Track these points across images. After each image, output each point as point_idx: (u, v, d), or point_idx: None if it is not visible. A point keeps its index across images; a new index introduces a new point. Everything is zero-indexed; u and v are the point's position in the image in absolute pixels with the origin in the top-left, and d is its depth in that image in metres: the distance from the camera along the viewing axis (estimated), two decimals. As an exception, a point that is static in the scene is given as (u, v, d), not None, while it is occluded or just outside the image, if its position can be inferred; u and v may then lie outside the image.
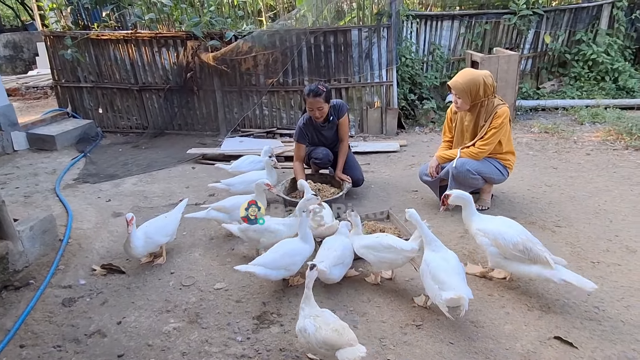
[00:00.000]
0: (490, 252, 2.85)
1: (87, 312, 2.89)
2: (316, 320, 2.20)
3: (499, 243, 2.79)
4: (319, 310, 2.29)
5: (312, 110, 4.06)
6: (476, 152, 3.74)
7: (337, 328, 2.15)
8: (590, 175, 4.64)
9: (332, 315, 2.28)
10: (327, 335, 2.12)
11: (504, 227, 2.86)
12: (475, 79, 3.63)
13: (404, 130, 6.51)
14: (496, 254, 2.82)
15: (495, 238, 2.80)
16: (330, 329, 2.14)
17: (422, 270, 2.67)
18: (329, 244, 2.97)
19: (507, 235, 2.78)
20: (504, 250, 2.78)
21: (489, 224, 2.90)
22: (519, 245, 2.73)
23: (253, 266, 2.80)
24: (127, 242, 3.16)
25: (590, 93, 7.20)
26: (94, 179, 5.20)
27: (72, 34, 6.57)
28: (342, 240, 2.99)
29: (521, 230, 2.84)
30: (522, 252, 2.72)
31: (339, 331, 2.14)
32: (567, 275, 2.62)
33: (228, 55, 6.10)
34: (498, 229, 2.83)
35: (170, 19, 6.83)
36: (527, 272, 2.75)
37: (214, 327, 2.69)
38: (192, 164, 5.62)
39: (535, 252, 2.71)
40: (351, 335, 2.14)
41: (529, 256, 2.71)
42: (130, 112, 6.95)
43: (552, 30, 7.38)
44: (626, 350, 2.38)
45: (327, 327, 2.16)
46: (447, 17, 7.07)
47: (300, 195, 4.07)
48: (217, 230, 3.88)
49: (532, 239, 2.79)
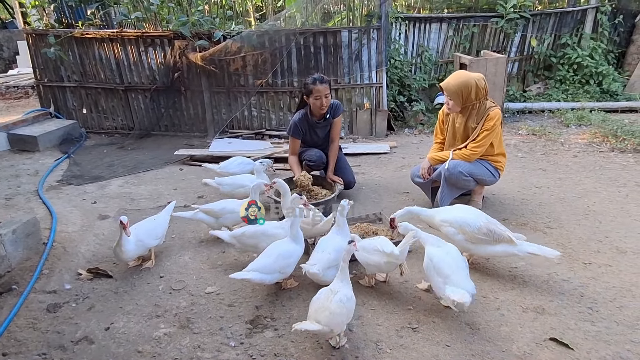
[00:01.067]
0: (457, 240, 3.00)
1: (73, 317, 2.80)
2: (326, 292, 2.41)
3: (464, 230, 2.98)
4: (350, 293, 2.42)
5: (320, 98, 4.02)
6: (468, 154, 3.75)
7: (319, 308, 2.34)
8: (579, 177, 4.69)
9: (340, 299, 2.36)
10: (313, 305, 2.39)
11: (465, 214, 3.07)
12: (468, 81, 3.63)
13: (393, 132, 6.51)
14: (463, 240, 3.00)
15: (460, 226, 2.99)
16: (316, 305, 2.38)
17: (426, 265, 2.72)
18: (322, 245, 2.92)
19: (471, 221, 2.99)
20: (470, 236, 2.97)
21: (450, 213, 3.10)
22: (482, 228, 2.95)
23: (248, 272, 2.74)
24: (119, 245, 3.07)
25: (576, 96, 7.31)
26: (78, 180, 5.08)
27: (56, 32, 6.41)
28: (335, 241, 2.94)
29: (480, 214, 3.07)
30: (486, 235, 2.94)
31: (317, 310, 2.34)
32: (530, 248, 2.89)
33: (216, 56, 6.02)
34: (461, 217, 3.03)
35: (157, 18, 6.72)
36: (495, 252, 2.98)
37: (206, 332, 2.63)
38: (180, 165, 5.53)
39: (499, 232, 2.94)
40: (322, 318, 2.29)
41: (493, 237, 2.93)
42: (116, 112, 6.81)
43: (538, 33, 7.47)
44: (620, 351, 2.39)
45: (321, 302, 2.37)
46: (435, 20, 7.11)
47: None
48: (207, 232, 3.79)
49: (492, 221, 3.03)
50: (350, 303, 2.39)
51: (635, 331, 2.53)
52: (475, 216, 3.04)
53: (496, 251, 2.97)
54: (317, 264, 2.74)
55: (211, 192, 4.52)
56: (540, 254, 2.85)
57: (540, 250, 2.87)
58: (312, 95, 4.02)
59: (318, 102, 4.04)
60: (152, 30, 6.56)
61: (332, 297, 2.36)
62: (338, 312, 2.32)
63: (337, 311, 2.31)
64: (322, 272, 2.72)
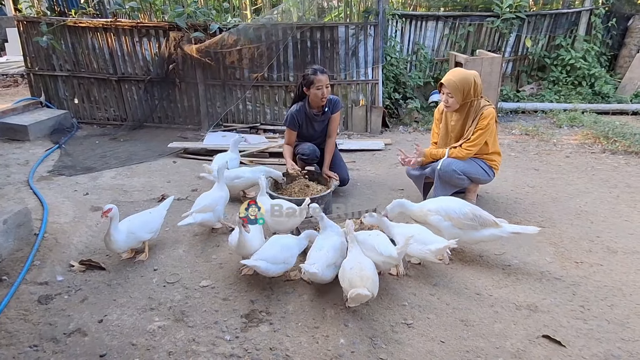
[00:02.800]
0: (445, 227, 3.16)
1: (65, 309, 2.77)
2: (354, 264, 2.65)
3: (451, 217, 3.13)
4: (362, 257, 2.73)
5: (321, 88, 4.02)
6: (463, 154, 3.76)
7: (363, 277, 2.56)
8: (571, 177, 4.74)
9: (370, 268, 2.66)
10: (352, 276, 2.58)
11: (450, 202, 3.23)
12: (467, 77, 3.65)
13: (388, 129, 6.51)
14: (450, 226, 3.15)
15: (447, 213, 3.15)
16: (357, 274, 2.58)
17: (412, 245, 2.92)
18: (319, 244, 2.92)
19: (457, 208, 3.16)
20: (457, 222, 3.13)
21: (435, 203, 3.27)
22: (469, 214, 3.11)
23: (256, 261, 2.79)
24: (108, 234, 3.05)
25: (568, 97, 7.37)
26: (69, 171, 5.01)
27: (48, 20, 6.31)
28: (333, 240, 2.94)
29: (465, 202, 3.24)
30: (472, 220, 3.10)
31: (362, 279, 2.54)
32: (513, 228, 3.11)
33: (212, 48, 5.97)
34: (447, 205, 3.19)
35: (152, 9, 6.64)
36: (482, 237, 3.14)
37: (201, 326, 2.62)
38: (174, 157, 5.48)
39: (484, 217, 3.12)
40: (369, 285, 2.51)
41: (479, 222, 3.11)
42: (108, 103, 6.73)
43: (533, 34, 7.52)
44: (612, 349, 2.43)
45: (359, 272, 2.59)
46: (431, 18, 7.11)
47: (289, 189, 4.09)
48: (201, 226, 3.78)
49: (476, 207, 3.20)
50: (374, 267, 2.72)
51: (626, 329, 2.57)
52: (460, 204, 3.21)
53: (483, 235, 3.14)
54: (317, 263, 2.72)
55: (205, 185, 4.48)
56: (522, 232, 3.09)
57: (522, 229, 3.11)
58: (314, 85, 4.01)
59: (320, 92, 4.02)
60: (147, 20, 6.47)
61: (364, 266, 2.64)
62: (375, 279, 2.63)
63: (375, 278, 2.63)
64: (321, 271, 2.70)
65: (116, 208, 3.07)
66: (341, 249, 2.91)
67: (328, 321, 2.64)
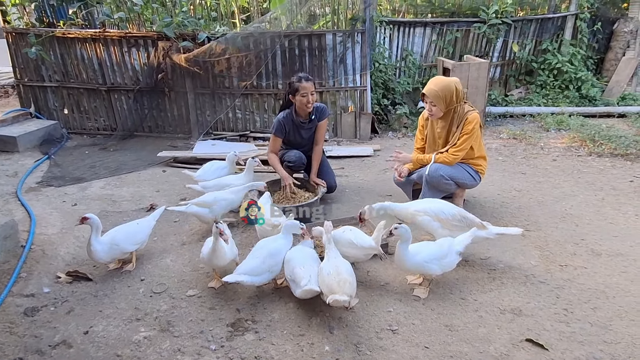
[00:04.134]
0: (433, 228, 3.24)
1: (51, 321, 2.77)
2: (332, 268, 2.67)
3: (440, 218, 3.21)
4: (341, 261, 2.76)
5: (306, 95, 4.04)
6: (450, 159, 3.79)
7: (340, 281, 2.57)
8: (557, 181, 4.79)
9: (347, 270, 2.68)
10: (331, 282, 2.59)
11: (438, 203, 3.32)
12: (448, 85, 3.70)
13: (377, 135, 6.55)
14: (440, 227, 3.22)
15: (436, 214, 3.22)
16: (335, 279, 2.59)
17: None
18: (298, 262, 2.79)
19: (445, 209, 3.23)
20: (445, 223, 3.20)
21: (423, 204, 3.33)
22: (457, 215, 3.20)
23: (239, 275, 2.75)
24: (88, 244, 3.06)
25: (556, 101, 7.45)
26: (58, 182, 5.00)
27: (37, 32, 6.32)
28: (306, 252, 2.90)
29: (451, 204, 3.34)
30: (460, 221, 3.19)
31: (339, 284, 2.56)
32: (497, 230, 3.21)
33: (201, 57, 6.00)
34: (436, 206, 3.27)
35: (140, 19, 6.66)
36: None
37: (187, 336, 2.62)
38: (163, 167, 5.49)
39: (470, 218, 3.21)
40: (347, 289, 2.54)
41: (467, 223, 3.18)
42: (98, 113, 6.73)
43: (520, 39, 7.60)
44: (594, 351, 2.45)
45: (336, 276, 2.61)
46: (419, 24, 7.17)
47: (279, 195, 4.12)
48: (189, 235, 3.79)
49: (461, 209, 3.28)
50: (351, 268, 2.74)
51: (608, 332, 2.60)
52: (447, 205, 3.29)
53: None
54: (311, 279, 2.66)
55: (194, 194, 4.48)
56: (507, 233, 3.22)
57: (506, 230, 3.24)
58: (299, 92, 4.04)
59: (305, 99, 4.05)
60: (136, 30, 6.50)
61: (341, 269, 2.65)
62: (352, 280, 2.63)
63: (351, 279, 2.63)
64: (317, 284, 2.68)
65: (96, 217, 3.08)
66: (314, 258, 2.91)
67: (313, 328, 2.66)
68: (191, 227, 3.93)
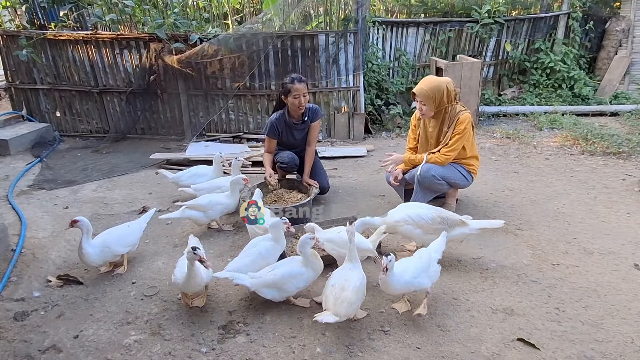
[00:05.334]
0: (416, 235, 3.21)
1: (41, 326, 2.75)
2: (338, 281, 2.54)
3: (421, 224, 3.17)
4: (356, 275, 2.56)
5: (299, 97, 4.03)
6: (442, 159, 3.79)
7: (339, 299, 2.45)
8: (550, 179, 4.80)
9: (355, 288, 2.49)
10: (329, 296, 2.52)
11: (415, 209, 3.25)
12: (439, 85, 3.69)
13: (371, 135, 6.55)
14: (422, 234, 3.19)
15: (415, 222, 3.18)
16: (334, 295, 2.48)
17: None
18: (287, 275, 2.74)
19: (424, 214, 3.19)
20: (427, 228, 3.17)
21: (400, 213, 3.25)
22: (436, 218, 3.17)
23: (229, 272, 2.77)
24: (80, 248, 3.04)
25: (549, 100, 7.47)
26: (50, 185, 4.97)
27: (28, 34, 6.28)
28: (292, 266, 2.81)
29: (429, 207, 3.29)
30: (441, 224, 3.16)
31: (336, 302, 2.45)
32: (479, 224, 3.22)
33: (193, 58, 5.98)
34: (414, 213, 3.21)
35: (132, 20, 6.64)
36: (452, 237, 3.17)
37: (178, 339, 2.60)
38: (156, 169, 5.46)
39: (451, 218, 3.19)
40: (341, 310, 2.41)
41: (448, 224, 3.16)
42: (90, 115, 6.70)
43: (513, 38, 7.62)
44: (585, 350, 2.46)
45: (339, 292, 2.48)
46: (412, 24, 7.18)
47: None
48: (181, 237, 3.77)
49: (439, 209, 3.26)
50: (363, 285, 2.55)
51: (600, 330, 2.60)
52: (425, 209, 3.26)
53: (453, 236, 3.19)
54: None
55: (187, 196, 4.47)
56: (489, 227, 3.23)
57: (488, 223, 3.24)
58: (291, 94, 4.03)
59: (297, 101, 4.05)
60: (128, 32, 6.47)
61: (348, 285, 2.49)
62: (355, 300, 2.46)
63: (354, 299, 2.46)
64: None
65: (86, 220, 3.06)
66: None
67: (305, 330, 2.65)
68: (183, 229, 3.91)
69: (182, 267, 2.71)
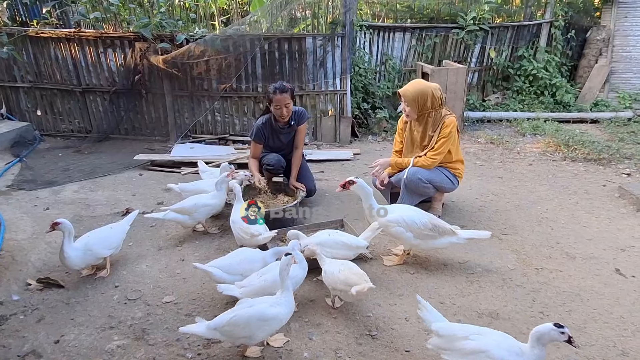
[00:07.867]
0: (406, 238, 3.21)
1: (20, 330, 2.67)
2: (339, 267, 2.74)
3: (413, 228, 3.18)
4: (340, 261, 2.85)
5: (280, 108, 4.00)
6: (429, 162, 3.82)
7: (356, 273, 2.67)
8: (533, 185, 4.87)
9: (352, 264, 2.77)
10: (347, 276, 2.67)
11: (409, 212, 3.26)
12: (424, 90, 3.72)
13: (357, 139, 6.57)
14: (412, 237, 3.20)
15: (408, 224, 3.18)
16: (349, 273, 2.67)
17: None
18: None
19: (417, 218, 3.20)
20: (418, 233, 3.18)
21: (395, 215, 3.24)
22: (428, 224, 3.19)
23: (211, 267, 2.81)
24: (61, 251, 2.97)
25: (531, 106, 7.60)
26: (30, 185, 4.85)
27: (9, 31, 6.13)
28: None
29: (422, 212, 3.30)
30: (432, 230, 3.18)
31: (357, 275, 2.65)
32: (467, 234, 3.25)
33: (179, 59, 5.91)
34: (407, 215, 3.22)
35: (117, 19, 6.54)
36: (440, 244, 3.23)
37: (162, 344, 2.56)
38: (140, 170, 5.38)
39: (442, 226, 3.21)
40: (365, 278, 2.63)
41: (438, 231, 3.19)
42: (72, 114, 6.57)
43: (497, 45, 7.74)
44: (569, 354, 2.49)
45: (349, 270, 2.69)
46: (399, 29, 7.23)
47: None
48: (166, 240, 3.72)
49: (432, 216, 3.28)
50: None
51: (583, 334, 2.64)
52: (419, 213, 3.27)
53: (441, 243, 3.23)
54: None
55: (172, 198, 4.42)
56: (476, 237, 3.25)
57: (476, 234, 3.26)
58: (272, 104, 4.02)
59: (278, 112, 4.04)
60: (112, 31, 6.37)
61: (350, 265, 2.77)
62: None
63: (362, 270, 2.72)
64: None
65: (68, 222, 3.00)
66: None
67: (292, 335, 2.63)
68: (168, 231, 3.85)
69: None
